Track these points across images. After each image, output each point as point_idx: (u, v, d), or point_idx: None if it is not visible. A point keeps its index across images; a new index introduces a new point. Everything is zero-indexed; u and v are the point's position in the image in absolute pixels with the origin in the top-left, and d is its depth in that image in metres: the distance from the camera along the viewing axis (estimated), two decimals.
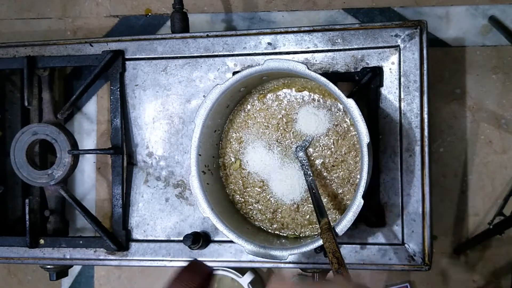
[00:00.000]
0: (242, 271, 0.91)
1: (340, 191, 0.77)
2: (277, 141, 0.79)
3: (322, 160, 0.77)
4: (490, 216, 0.90)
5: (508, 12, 0.91)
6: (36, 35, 1.05)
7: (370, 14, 0.96)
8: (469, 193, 0.92)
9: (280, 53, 0.81)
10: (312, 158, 0.78)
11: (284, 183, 0.78)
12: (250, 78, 0.74)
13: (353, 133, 0.76)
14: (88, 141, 1.01)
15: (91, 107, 1.02)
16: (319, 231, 0.76)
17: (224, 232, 0.72)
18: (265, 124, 0.80)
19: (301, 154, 0.77)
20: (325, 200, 0.77)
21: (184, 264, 0.84)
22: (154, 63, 0.86)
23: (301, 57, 0.81)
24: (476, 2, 0.93)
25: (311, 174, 0.75)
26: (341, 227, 0.67)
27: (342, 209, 0.77)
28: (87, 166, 1.01)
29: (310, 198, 0.77)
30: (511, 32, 0.89)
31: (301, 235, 0.78)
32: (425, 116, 0.76)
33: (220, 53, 0.84)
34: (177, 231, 0.85)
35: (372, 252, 0.78)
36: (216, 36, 0.84)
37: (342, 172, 0.77)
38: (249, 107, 0.81)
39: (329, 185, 0.77)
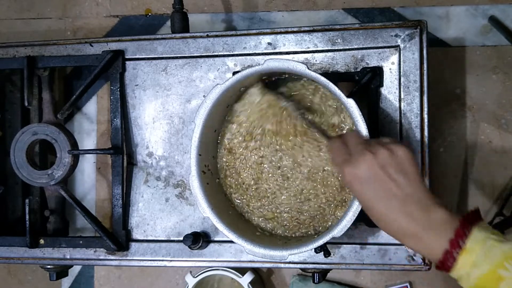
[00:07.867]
0: (242, 271, 0.91)
1: (341, 191, 0.77)
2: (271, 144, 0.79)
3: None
4: (490, 216, 0.90)
5: (508, 12, 0.91)
6: (36, 35, 1.05)
7: (370, 14, 0.96)
8: (469, 193, 0.92)
9: (280, 53, 0.81)
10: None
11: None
12: (250, 78, 0.74)
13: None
14: (88, 141, 1.01)
15: (91, 107, 1.02)
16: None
17: (224, 232, 0.72)
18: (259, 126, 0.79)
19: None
20: (325, 202, 0.77)
21: (184, 264, 0.84)
22: (154, 63, 0.86)
23: (301, 57, 0.81)
24: (476, 2, 0.93)
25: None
26: (341, 227, 0.67)
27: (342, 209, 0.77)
28: (87, 166, 1.01)
29: (309, 201, 0.77)
30: (511, 32, 0.89)
31: (301, 236, 0.78)
32: (425, 116, 0.76)
33: (220, 53, 0.84)
34: (177, 231, 0.85)
35: (372, 252, 0.78)
36: (216, 36, 0.84)
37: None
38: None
39: (330, 186, 0.77)
